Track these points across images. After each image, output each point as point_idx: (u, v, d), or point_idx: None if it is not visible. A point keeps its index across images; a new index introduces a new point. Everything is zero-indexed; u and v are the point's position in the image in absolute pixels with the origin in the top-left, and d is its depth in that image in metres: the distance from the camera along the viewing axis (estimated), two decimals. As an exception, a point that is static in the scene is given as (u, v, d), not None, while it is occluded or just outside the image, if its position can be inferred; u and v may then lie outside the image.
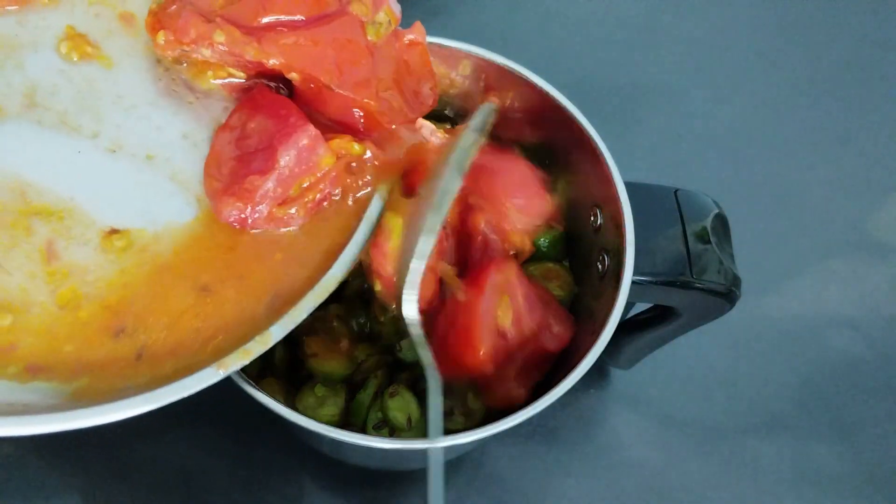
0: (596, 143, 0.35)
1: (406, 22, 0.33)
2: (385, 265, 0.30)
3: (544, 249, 0.39)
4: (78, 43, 0.31)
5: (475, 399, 0.35)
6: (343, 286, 0.30)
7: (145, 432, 0.42)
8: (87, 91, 0.30)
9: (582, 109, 0.36)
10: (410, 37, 0.33)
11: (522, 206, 0.35)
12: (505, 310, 0.32)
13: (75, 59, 0.31)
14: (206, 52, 0.29)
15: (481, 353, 0.32)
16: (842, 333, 0.49)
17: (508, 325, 0.33)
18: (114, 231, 0.28)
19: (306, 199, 0.29)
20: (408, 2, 0.58)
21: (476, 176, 0.34)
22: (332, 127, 0.31)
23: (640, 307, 0.40)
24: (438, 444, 0.28)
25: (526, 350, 0.34)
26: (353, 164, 0.30)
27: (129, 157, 0.30)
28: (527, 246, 0.35)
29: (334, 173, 0.30)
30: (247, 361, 0.26)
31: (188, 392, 0.25)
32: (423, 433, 0.35)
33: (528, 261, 0.37)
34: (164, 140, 0.30)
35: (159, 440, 0.42)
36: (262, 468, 0.42)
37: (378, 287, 0.31)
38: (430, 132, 0.36)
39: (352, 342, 0.37)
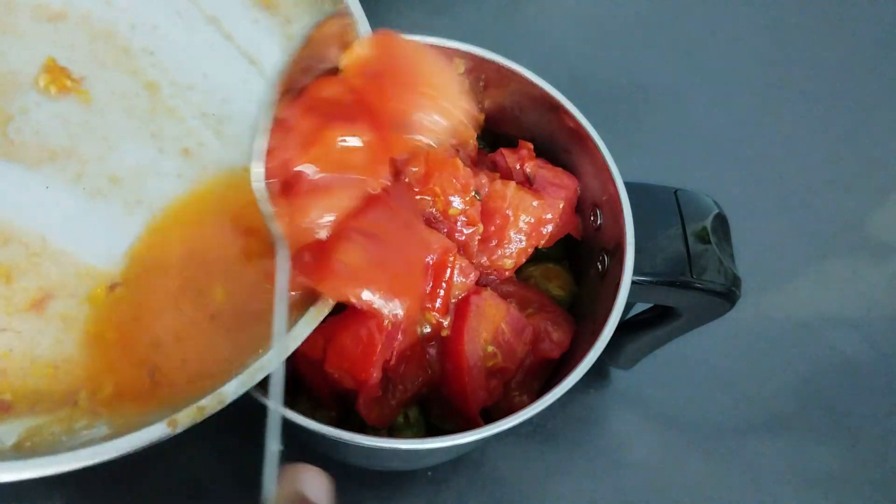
0: (596, 143, 0.35)
1: (407, 20, 0.33)
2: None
3: (544, 250, 0.39)
4: (57, 76, 0.29)
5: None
6: None
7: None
8: (70, 129, 0.29)
9: (582, 109, 0.36)
10: None
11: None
12: (492, 350, 0.33)
13: (53, 92, 0.29)
14: None
15: (478, 408, 0.32)
16: (842, 333, 0.49)
17: (500, 360, 0.33)
18: (115, 285, 0.28)
19: None
20: (409, 2, 0.58)
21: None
22: None
23: (640, 307, 0.40)
24: (278, 406, 0.26)
25: (525, 365, 0.34)
26: None
27: (109, 201, 0.29)
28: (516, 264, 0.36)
29: None
30: (200, 419, 0.25)
31: (133, 448, 0.24)
32: (422, 433, 0.35)
33: (528, 261, 0.37)
34: (148, 185, 0.30)
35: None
36: (262, 468, 0.42)
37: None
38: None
39: None
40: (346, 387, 0.31)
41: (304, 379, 0.33)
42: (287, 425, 0.29)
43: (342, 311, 0.30)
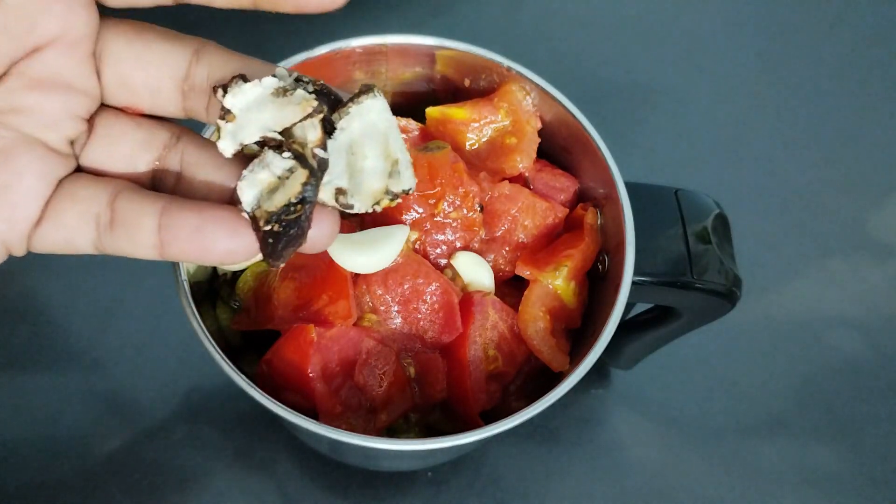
0: (596, 143, 0.35)
1: (407, 20, 0.32)
2: None
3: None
4: None
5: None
6: None
7: (144, 433, 0.42)
8: None
9: (582, 109, 0.36)
10: None
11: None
12: (493, 354, 0.33)
13: None
14: None
15: (478, 411, 0.32)
16: (842, 333, 0.49)
17: (500, 364, 0.33)
18: None
19: None
20: (409, 2, 0.58)
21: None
22: None
23: (641, 307, 0.40)
24: None
25: (524, 371, 0.34)
26: None
27: None
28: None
29: None
30: None
31: None
32: (422, 433, 0.35)
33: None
34: None
35: (158, 442, 0.42)
36: (261, 468, 0.42)
37: None
38: None
39: None
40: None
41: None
42: (287, 425, 0.29)
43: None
